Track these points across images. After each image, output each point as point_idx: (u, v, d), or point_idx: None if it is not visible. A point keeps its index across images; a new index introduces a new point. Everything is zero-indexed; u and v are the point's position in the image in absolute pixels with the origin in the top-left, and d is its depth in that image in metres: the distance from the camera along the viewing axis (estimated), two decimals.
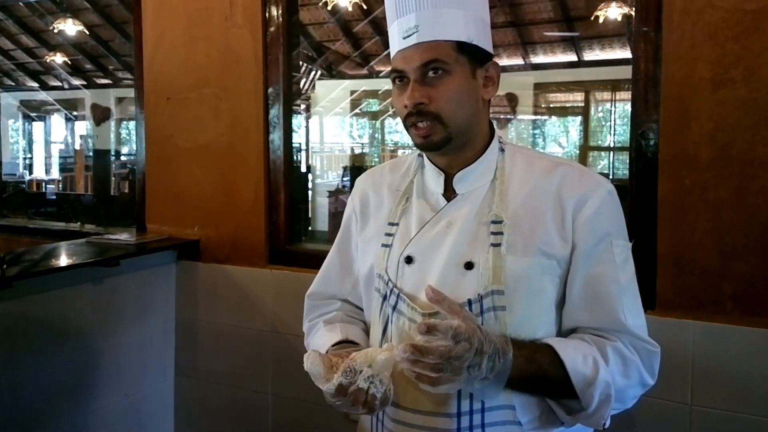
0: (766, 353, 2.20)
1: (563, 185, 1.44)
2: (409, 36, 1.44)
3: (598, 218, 1.41)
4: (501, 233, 1.40)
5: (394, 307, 1.47)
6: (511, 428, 1.39)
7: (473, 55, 1.45)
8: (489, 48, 1.50)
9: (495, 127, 1.61)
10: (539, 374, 1.32)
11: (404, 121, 1.46)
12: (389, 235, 1.54)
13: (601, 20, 7.88)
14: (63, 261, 2.94)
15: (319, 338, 1.61)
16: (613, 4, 7.72)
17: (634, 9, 2.40)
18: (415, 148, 1.57)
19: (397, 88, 1.47)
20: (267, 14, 3.12)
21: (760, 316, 2.21)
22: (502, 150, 1.53)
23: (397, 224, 1.54)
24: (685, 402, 2.32)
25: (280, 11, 3.11)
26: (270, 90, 3.13)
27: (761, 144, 2.18)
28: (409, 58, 1.43)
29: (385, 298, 1.49)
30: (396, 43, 1.48)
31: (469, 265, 1.40)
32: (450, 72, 1.42)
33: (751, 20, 2.17)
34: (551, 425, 1.42)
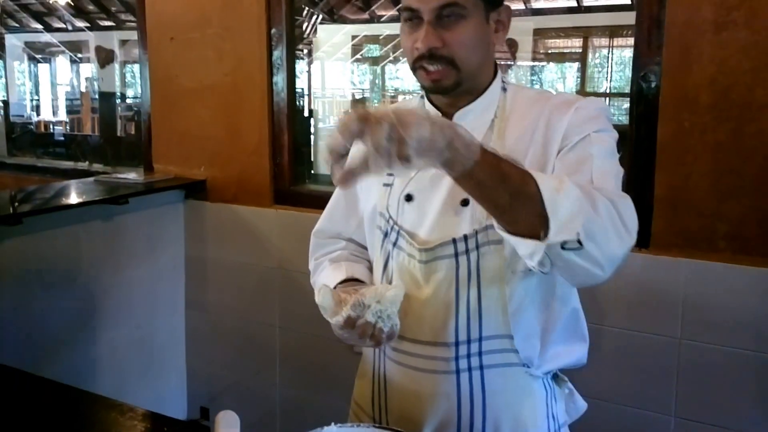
0: (755, 290, 2.27)
1: (552, 113, 1.41)
2: None
3: (584, 122, 1.38)
4: None
5: (395, 244, 1.49)
6: (507, 355, 1.42)
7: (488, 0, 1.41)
8: None
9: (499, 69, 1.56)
10: (500, 166, 1.11)
11: (413, 63, 1.42)
12: (391, 174, 1.52)
13: None
14: (72, 199, 2.99)
15: (325, 277, 1.63)
16: None
17: None
18: (417, 91, 1.54)
19: (408, 27, 1.42)
20: None
21: (751, 255, 2.26)
22: (504, 90, 1.51)
23: None
24: (674, 336, 2.40)
25: None
26: (273, 31, 3.13)
27: (760, 87, 2.19)
28: None
29: (386, 235, 1.52)
30: None
31: (464, 202, 1.40)
32: (466, 16, 1.37)
33: None
34: (546, 348, 1.46)
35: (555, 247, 1.12)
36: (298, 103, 3.30)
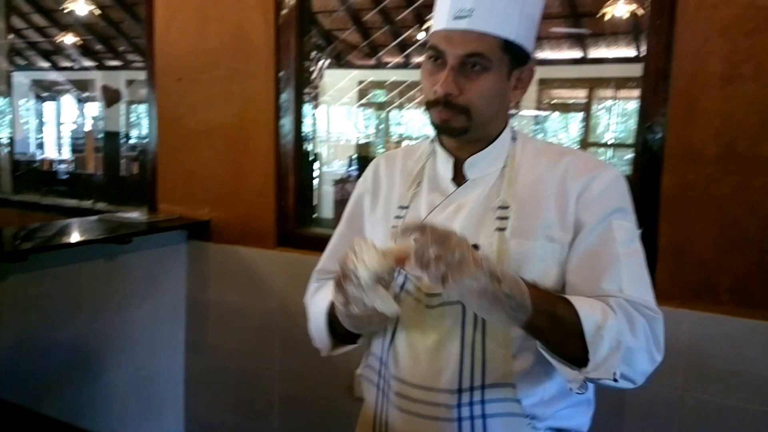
0: (758, 343, 2.26)
1: (568, 173, 1.44)
2: (460, 18, 1.37)
3: (599, 199, 1.40)
4: (507, 218, 1.41)
5: (402, 287, 1.49)
6: (510, 405, 1.41)
7: (515, 56, 1.42)
8: (531, 49, 1.47)
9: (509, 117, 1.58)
10: (550, 310, 1.26)
11: (429, 102, 1.43)
12: (399, 218, 1.54)
13: (608, 17, 7.89)
14: (76, 237, 2.98)
15: (322, 294, 1.61)
16: (621, 1, 7.73)
17: (648, 2, 2.40)
18: (420, 137, 1.56)
19: (431, 66, 1.43)
20: None
21: (754, 308, 2.26)
22: (514, 139, 1.53)
23: (407, 208, 1.55)
24: (676, 387, 2.38)
25: None
26: (281, 74, 3.15)
27: (766, 140, 2.21)
28: (455, 42, 1.38)
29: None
30: (443, 20, 1.41)
31: (474, 247, 1.40)
32: (489, 69, 1.38)
33: (765, 16, 2.17)
34: (551, 403, 1.45)
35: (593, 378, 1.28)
36: (304, 145, 3.32)
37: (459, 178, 1.52)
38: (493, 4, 1.37)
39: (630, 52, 8.68)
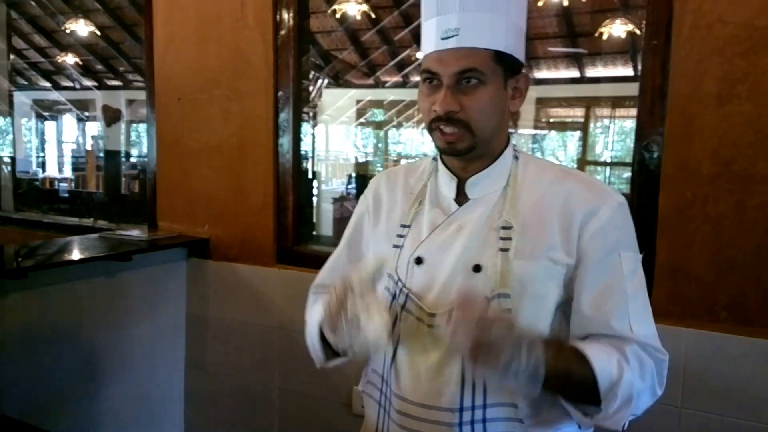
0: (756, 360, 2.26)
1: (571, 197, 1.43)
2: (448, 38, 1.40)
3: (607, 230, 1.40)
4: (510, 239, 1.40)
5: (403, 306, 1.49)
6: (512, 424, 1.41)
7: (507, 66, 1.43)
8: (522, 58, 1.47)
9: (510, 135, 1.59)
10: (566, 371, 1.28)
11: (429, 124, 1.44)
12: (401, 236, 1.54)
13: (605, 37, 7.93)
14: (77, 254, 2.98)
15: (317, 307, 1.59)
16: (618, 21, 7.77)
17: (644, 22, 2.41)
18: (420, 154, 1.57)
19: (427, 89, 1.45)
20: (278, 18, 3.14)
21: (752, 326, 2.26)
22: (516, 158, 1.53)
23: (409, 226, 1.55)
24: (675, 405, 2.38)
25: (290, 15, 3.14)
26: (280, 93, 3.17)
27: (763, 160, 2.21)
28: (446, 61, 1.40)
29: (394, 297, 1.51)
30: (432, 43, 1.44)
31: (477, 268, 1.41)
32: (485, 82, 1.39)
33: (760, 37, 2.19)
34: (553, 422, 1.44)
35: None
36: (303, 164, 3.33)
37: (461, 197, 1.53)
38: (477, 19, 1.39)
39: (627, 71, 8.71)
